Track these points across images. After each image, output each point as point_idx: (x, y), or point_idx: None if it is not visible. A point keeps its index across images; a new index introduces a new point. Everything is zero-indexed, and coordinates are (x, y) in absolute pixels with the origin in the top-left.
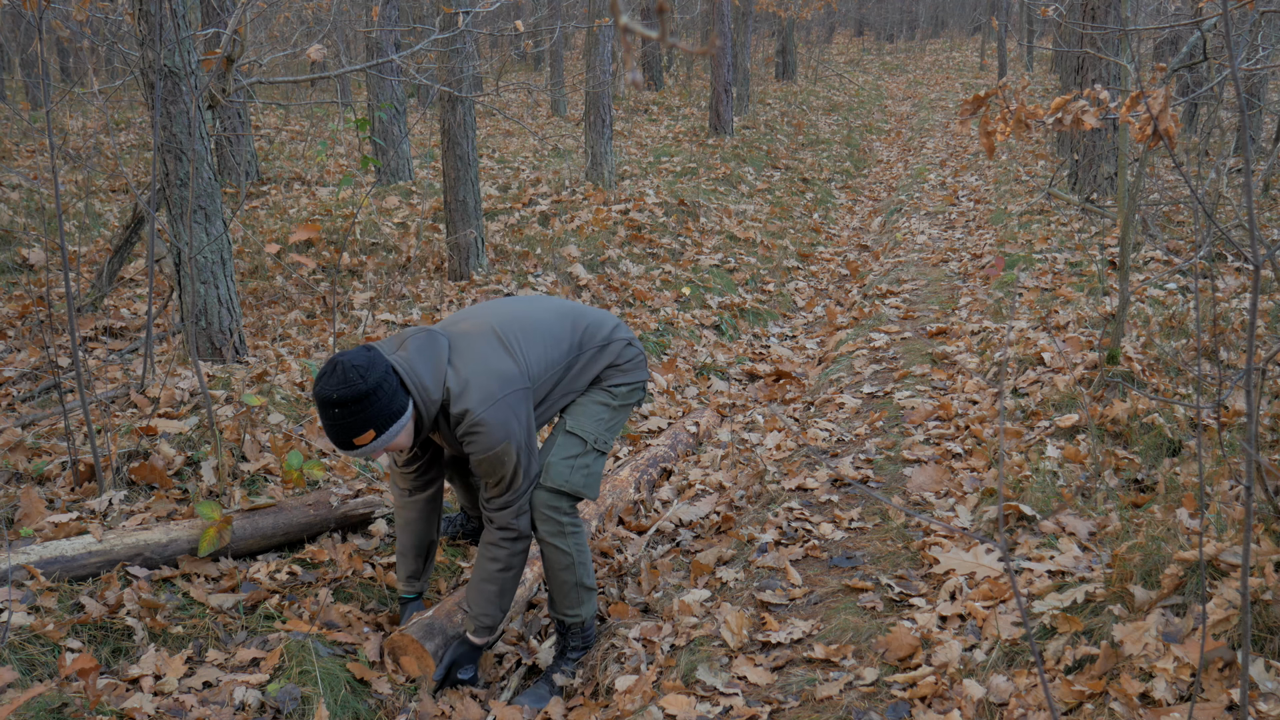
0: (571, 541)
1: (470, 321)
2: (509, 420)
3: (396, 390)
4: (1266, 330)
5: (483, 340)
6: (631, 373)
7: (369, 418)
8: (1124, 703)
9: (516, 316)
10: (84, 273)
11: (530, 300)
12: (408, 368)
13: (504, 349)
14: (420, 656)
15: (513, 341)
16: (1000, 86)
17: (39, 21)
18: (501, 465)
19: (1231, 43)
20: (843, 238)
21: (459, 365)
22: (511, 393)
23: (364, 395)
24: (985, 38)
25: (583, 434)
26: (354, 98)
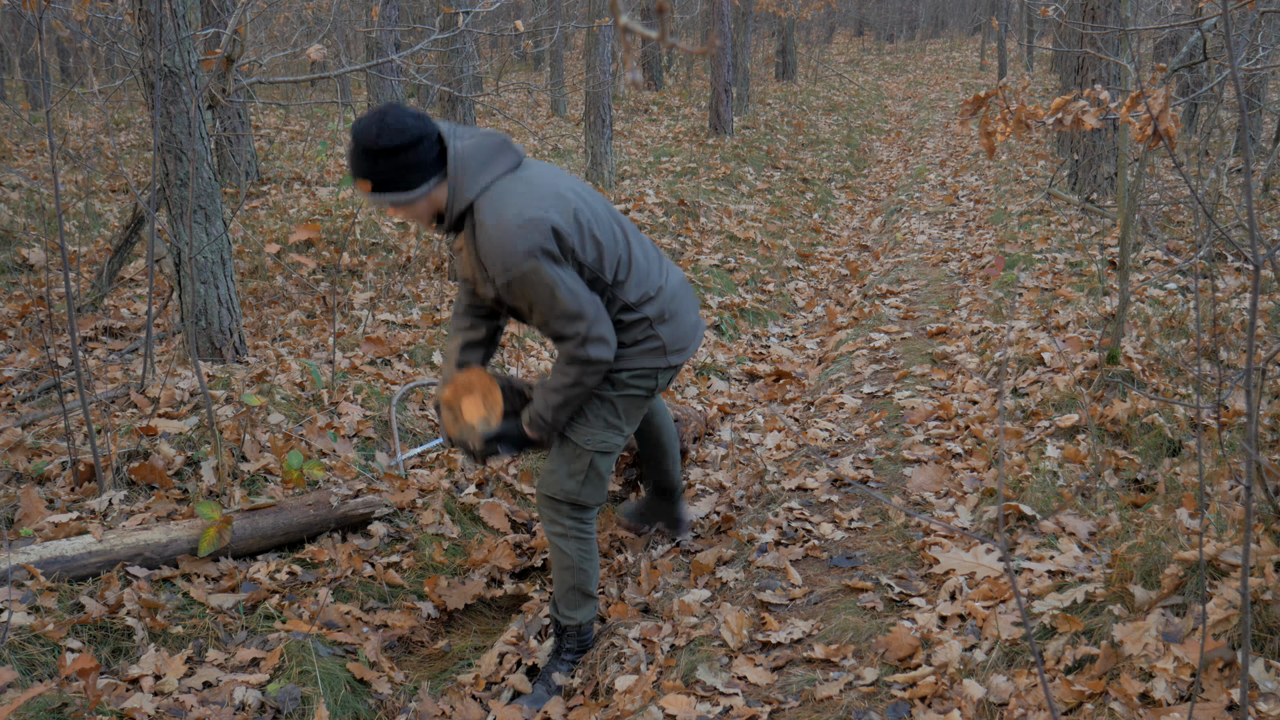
0: (572, 545)
1: (552, 172)
2: (538, 242)
3: (420, 168)
4: (1266, 330)
5: (553, 179)
6: (636, 358)
7: (371, 170)
8: (1124, 703)
9: (598, 204)
10: (84, 273)
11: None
12: (461, 156)
13: (568, 205)
14: (489, 392)
15: (582, 210)
16: (1000, 87)
17: (39, 21)
18: (534, 290)
19: (1231, 43)
20: (843, 238)
21: (514, 182)
22: (551, 227)
23: (376, 151)
24: (985, 38)
25: (577, 440)
26: (354, 98)
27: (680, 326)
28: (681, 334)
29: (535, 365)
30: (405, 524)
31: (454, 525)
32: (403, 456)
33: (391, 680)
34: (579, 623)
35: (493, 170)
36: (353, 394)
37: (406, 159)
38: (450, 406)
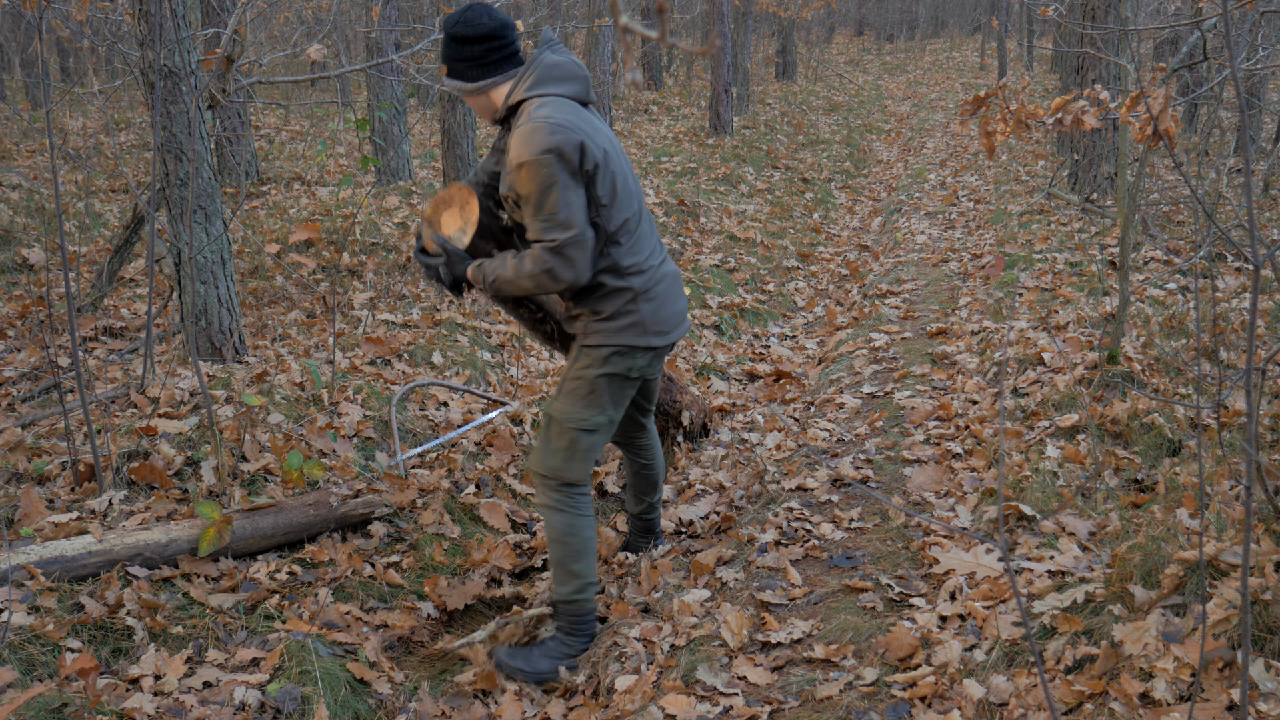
0: (558, 519)
1: (603, 123)
2: (561, 143)
3: (483, 65)
4: (1266, 330)
5: (600, 124)
6: (614, 334)
7: (445, 55)
8: (1124, 703)
9: (628, 169)
10: (84, 273)
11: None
12: (539, 63)
13: (601, 142)
14: (466, 204)
15: (613, 157)
16: (1000, 87)
17: (39, 21)
18: (536, 181)
19: (1231, 43)
20: (843, 238)
21: (569, 105)
22: (580, 141)
23: (450, 38)
24: (985, 38)
25: (560, 416)
26: (354, 98)
27: (663, 309)
28: (663, 317)
29: (535, 365)
30: (405, 524)
31: (454, 525)
32: (403, 456)
33: (391, 680)
34: (564, 598)
35: (558, 88)
36: (353, 394)
37: (472, 52)
38: (430, 222)
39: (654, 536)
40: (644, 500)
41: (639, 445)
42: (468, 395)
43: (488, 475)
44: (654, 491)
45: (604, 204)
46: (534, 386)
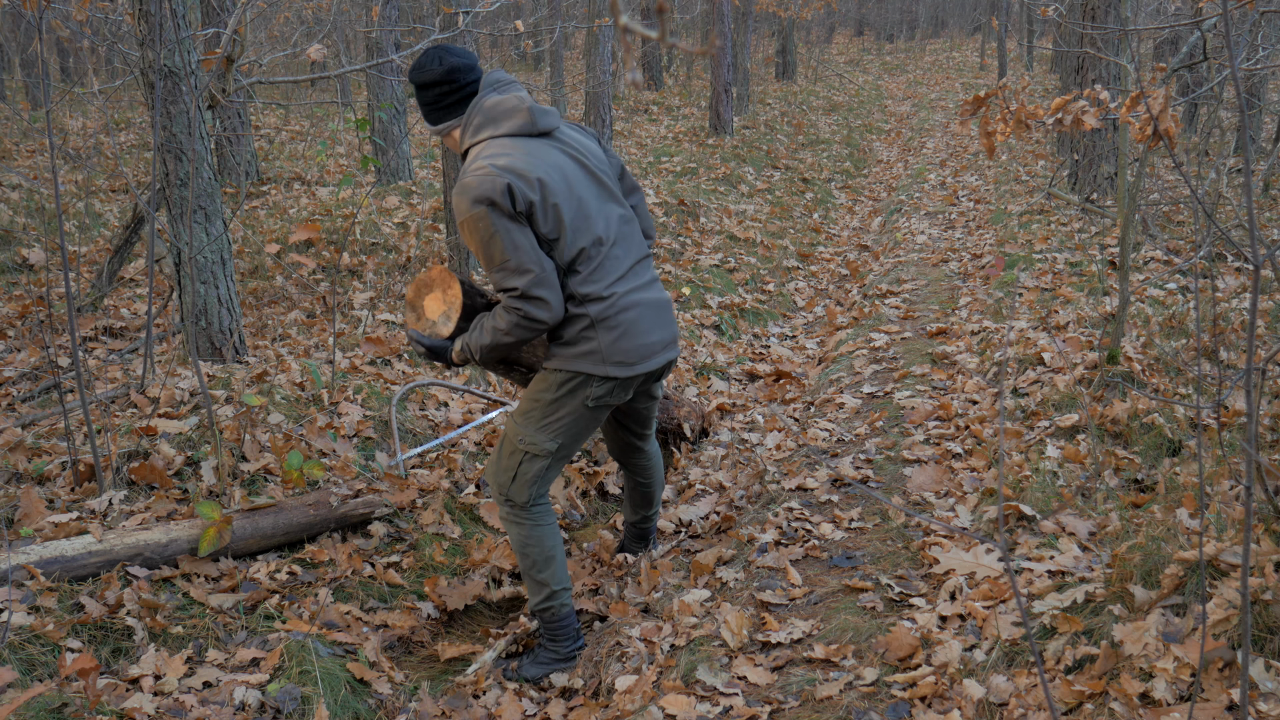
0: (514, 531)
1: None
2: (487, 192)
3: (439, 108)
4: (1266, 330)
5: (542, 153)
6: (570, 360)
7: (416, 97)
8: (1124, 703)
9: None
10: (84, 273)
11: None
12: (476, 109)
13: (536, 173)
14: (448, 288)
15: (554, 186)
16: (1000, 87)
17: (39, 21)
18: (477, 236)
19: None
20: (843, 238)
21: (505, 143)
22: (506, 184)
23: (413, 82)
24: (985, 38)
25: (512, 434)
26: (354, 98)
27: (627, 340)
28: (626, 348)
29: None
30: (405, 524)
31: (454, 525)
32: (403, 456)
33: (391, 680)
34: (537, 608)
35: (496, 128)
36: (353, 394)
37: (427, 96)
38: (413, 305)
39: (648, 543)
40: (640, 513)
41: (636, 465)
42: (468, 395)
43: None
44: (650, 506)
45: (552, 238)
46: None
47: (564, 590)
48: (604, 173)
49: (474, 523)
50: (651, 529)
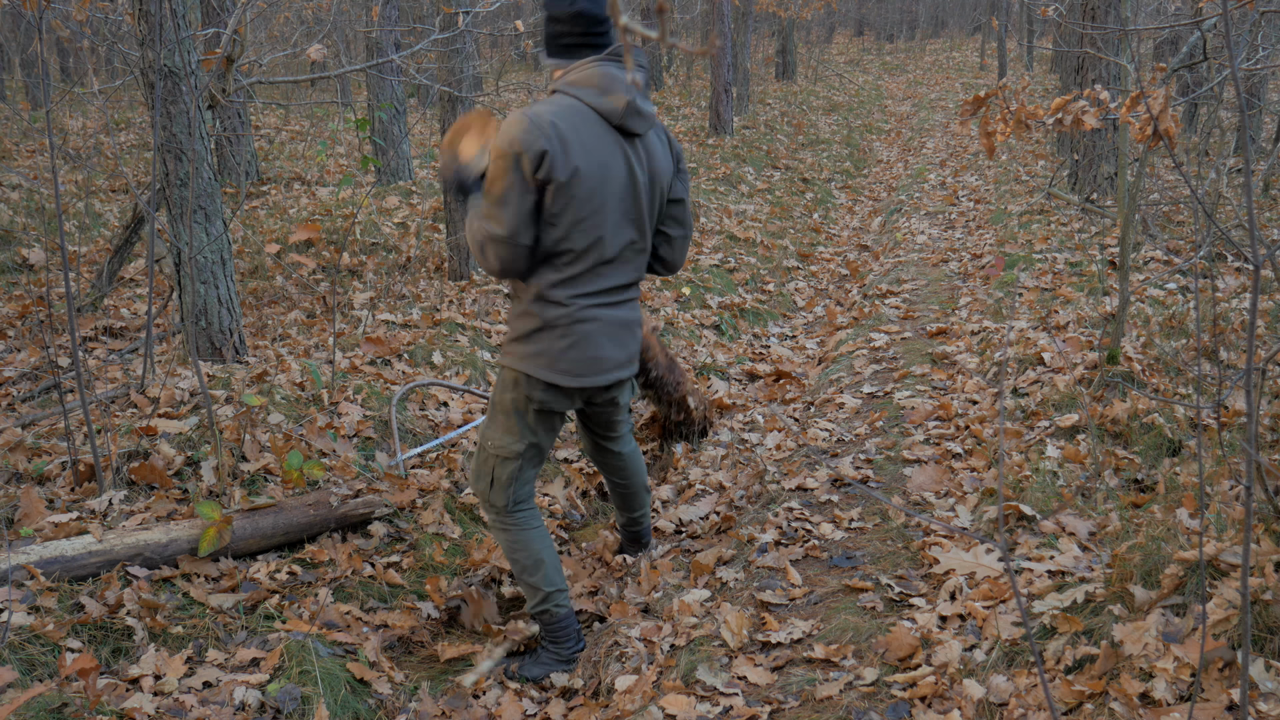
0: (501, 538)
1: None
2: (526, 140)
3: (550, 44)
4: (1266, 330)
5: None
6: (520, 359)
7: (545, 28)
8: (1124, 703)
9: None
10: (84, 273)
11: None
12: (578, 59)
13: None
14: (485, 126)
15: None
16: (1000, 87)
17: (39, 21)
18: (493, 164)
19: (1231, 43)
20: (843, 238)
21: (572, 105)
22: (542, 149)
23: (548, 13)
24: (985, 38)
25: (482, 440)
26: (354, 98)
27: (578, 350)
28: (576, 358)
29: None
30: (405, 524)
31: (454, 525)
32: (403, 456)
33: (391, 680)
34: (532, 611)
35: (586, 93)
36: (353, 394)
37: (550, 29)
38: (449, 149)
39: (642, 546)
40: (625, 514)
41: (608, 466)
42: (468, 395)
43: None
44: (634, 507)
45: (551, 222)
46: None
47: (558, 592)
48: (646, 197)
49: (474, 522)
50: (643, 532)
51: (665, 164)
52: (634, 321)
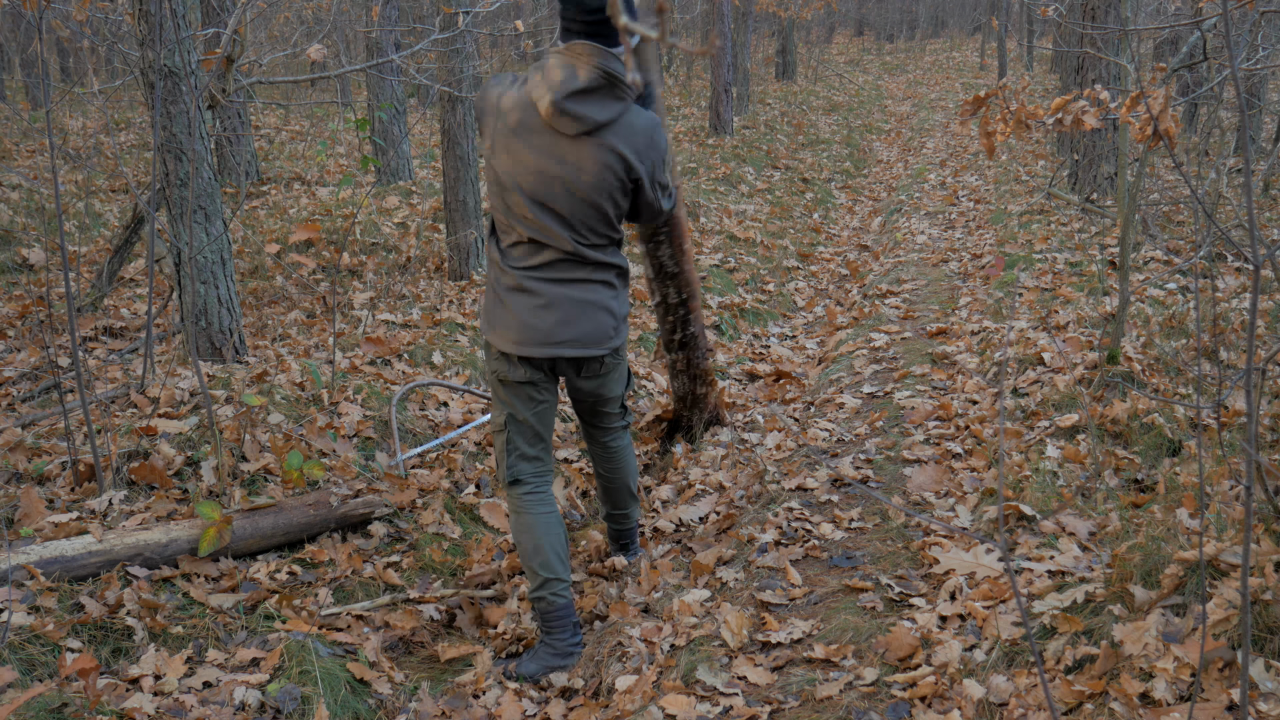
0: (510, 520)
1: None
2: (486, 88)
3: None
4: (1266, 330)
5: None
6: (481, 320)
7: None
8: (1124, 703)
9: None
10: (84, 273)
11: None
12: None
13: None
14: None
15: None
16: (1000, 87)
17: (39, 21)
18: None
19: (1231, 43)
20: (843, 238)
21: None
22: (485, 97)
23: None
24: (985, 38)
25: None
26: (354, 98)
27: (508, 317)
28: (506, 324)
29: None
30: (405, 524)
31: (454, 525)
32: (403, 456)
33: (391, 680)
34: (529, 595)
35: (531, 72)
36: (353, 394)
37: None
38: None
39: (625, 550)
40: (606, 507)
41: (596, 455)
42: (468, 395)
43: (488, 475)
44: (616, 504)
45: (489, 188)
46: None
47: (555, 580)
48: (567, 194)
49: (474, 522)
50: (626, 534)
51: (598, 168)
52: (587, 303)
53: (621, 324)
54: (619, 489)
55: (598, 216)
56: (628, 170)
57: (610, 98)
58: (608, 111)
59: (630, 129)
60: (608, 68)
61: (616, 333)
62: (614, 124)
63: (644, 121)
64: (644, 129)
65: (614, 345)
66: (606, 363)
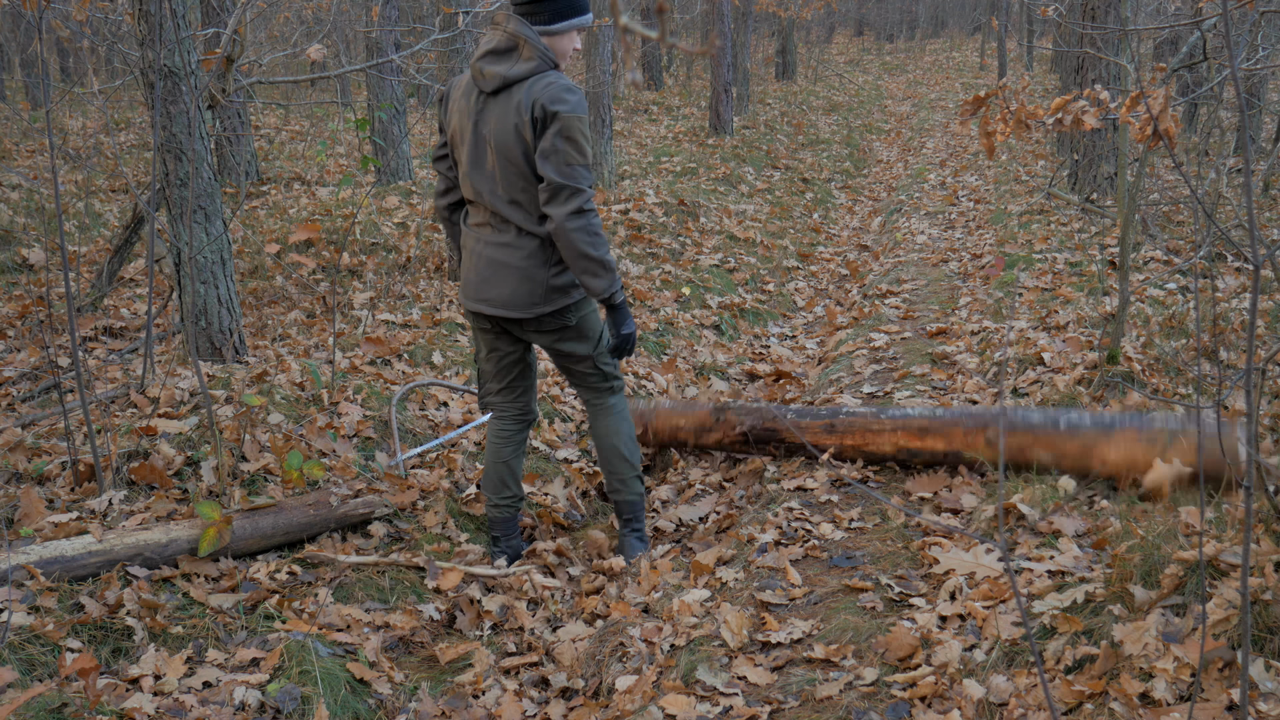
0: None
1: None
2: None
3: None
4: (1266, 330)
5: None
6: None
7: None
8: (1124, 703)
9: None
10: (84, 273)
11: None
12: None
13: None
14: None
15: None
16: (1000, 87)
17: (39, 21)
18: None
19: (1231, 43)
20: (843, 238)
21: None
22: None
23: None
24: (985, 38)
25: None
26: (354, 98)
27: (462, 270)
28: (464, 277)
29: None
30: (405, 524)
31: (459, 531)
32: (403, 456)
33: (391, 680)
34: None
35: (493, 20)
36: (353, 394)
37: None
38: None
39: (632, 532)
40: (601, 469)
41: (587, 413)
42: (468, 395)
43: None
44: (606, 469)
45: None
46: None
47: (489, 495)
48: (482, 151)
49: (474, 522)
50: (628, 508)
51: (507, 123)
52: (505, 265)
53: (554, 293)
54: (604, 450)
55: (515, 175)
56: (531, 124)
57: (520, 59)
58: (518, 70)
59: (540, 85)
60: (518, 32)
61: (546, 299)
62: (523, 82)
63: (558, 82)
64: (553, 86)
65: (541, 311)
66: (544, 324)
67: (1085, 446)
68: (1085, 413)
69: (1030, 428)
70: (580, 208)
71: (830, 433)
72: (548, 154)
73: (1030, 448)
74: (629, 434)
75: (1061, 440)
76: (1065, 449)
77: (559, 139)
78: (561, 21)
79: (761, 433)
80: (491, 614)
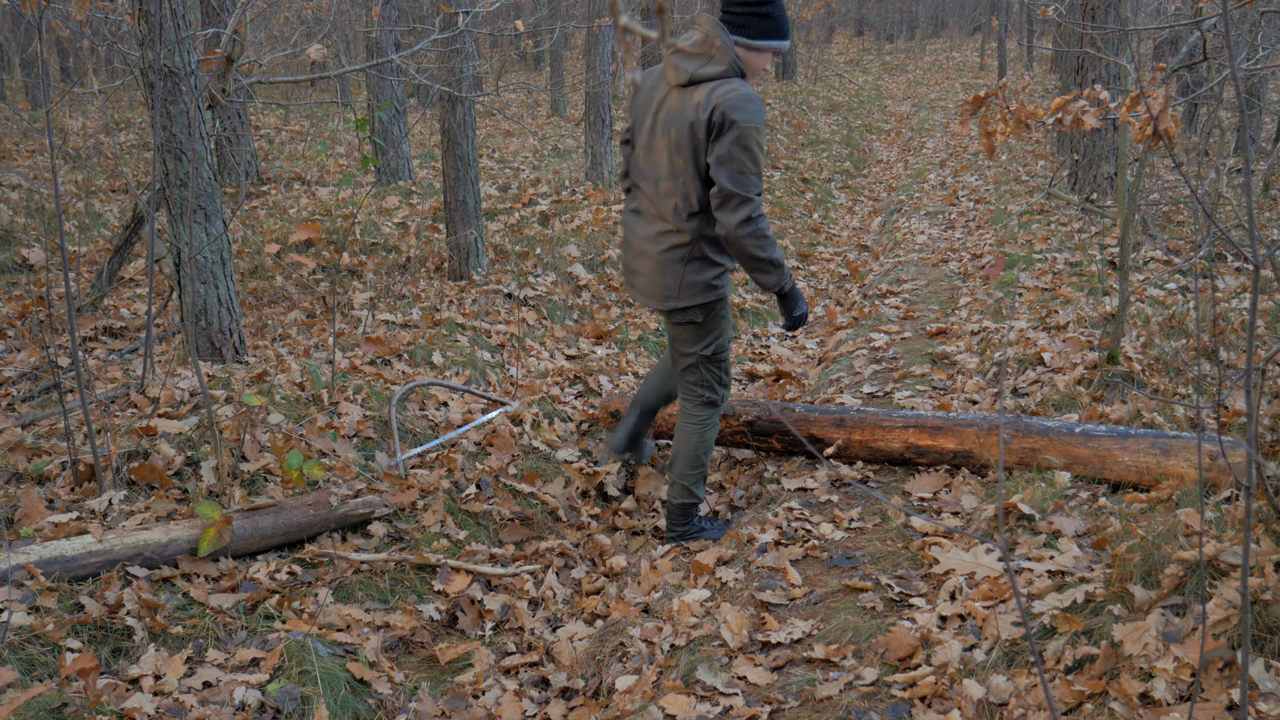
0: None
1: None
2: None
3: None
4: (1266, 330)
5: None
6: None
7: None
8: (1124, 703)
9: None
10: (84, 273)
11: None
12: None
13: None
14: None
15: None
16: (1000, 87)
17: (39, 21)
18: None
19: (1231, 43)
20: (843, 238)
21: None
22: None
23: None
24: (985, 38)
25: None
26: (354, 98)
27: (621, 251)
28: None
29: (535, 365)
30: (405, 524)
31: (458, 529)
32: (403, 456)
33: (391, 680)
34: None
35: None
36: (353, 394)
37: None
38: None
39: (677, 533)
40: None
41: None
42: (468, 395)
43: (488, 475)
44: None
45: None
46: (534, 386)
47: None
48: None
49: (473, 522)
50: (677, 511)
51: (684, 118)
52: (646, 255)
53: (687, 290)
54: (675, 447)
55: (679, 168)
56: (706, 124)
57: (713, 61)
58: (707, 71)
59: (723, 90)
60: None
61: (677, 295)
62: (709, 82)
63: (741, 90)
64: (735, 94)
65: (672, 305)
66: (674, 315)
67: (1098, 453)
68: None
69: (1045, 432)
70: (749, 215)
71: (839, 427)
72: (723, 160)
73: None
74: (700, 448)
75: (1074, 444)
76: (1078, 454)
77: (735, 147)
78: (764, 40)
79: (766, 425)
80: (493, 613)
